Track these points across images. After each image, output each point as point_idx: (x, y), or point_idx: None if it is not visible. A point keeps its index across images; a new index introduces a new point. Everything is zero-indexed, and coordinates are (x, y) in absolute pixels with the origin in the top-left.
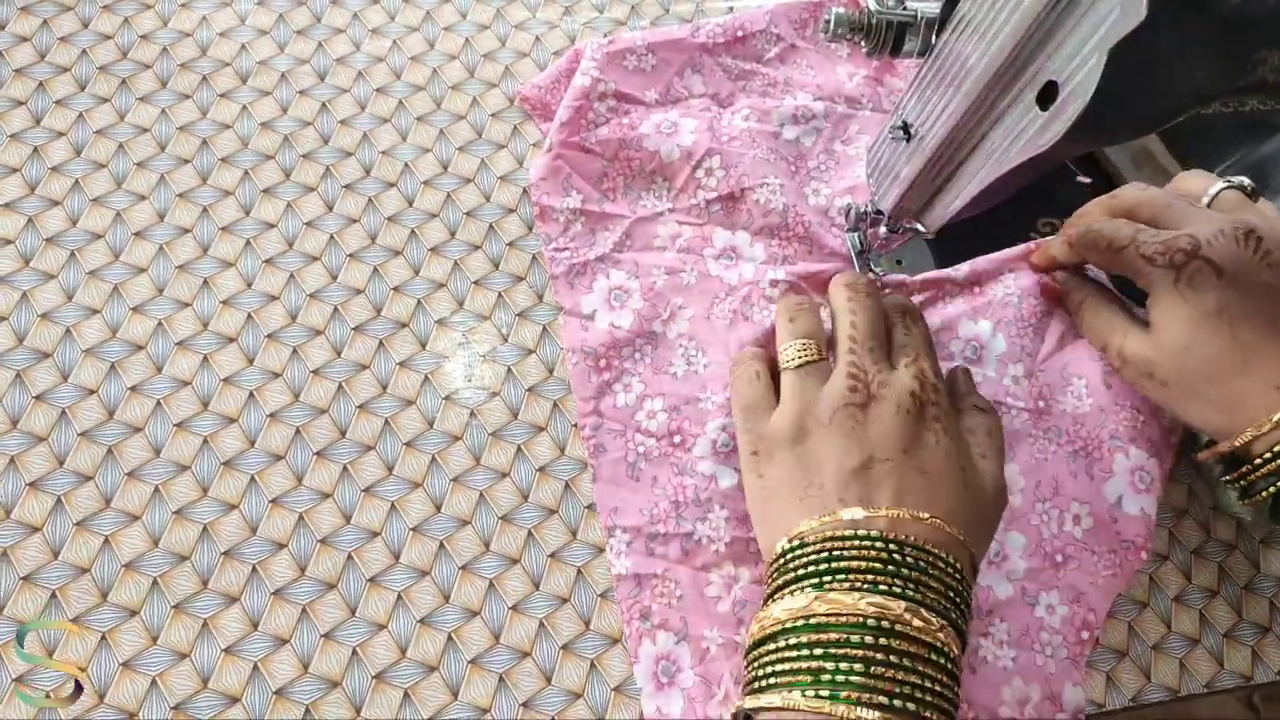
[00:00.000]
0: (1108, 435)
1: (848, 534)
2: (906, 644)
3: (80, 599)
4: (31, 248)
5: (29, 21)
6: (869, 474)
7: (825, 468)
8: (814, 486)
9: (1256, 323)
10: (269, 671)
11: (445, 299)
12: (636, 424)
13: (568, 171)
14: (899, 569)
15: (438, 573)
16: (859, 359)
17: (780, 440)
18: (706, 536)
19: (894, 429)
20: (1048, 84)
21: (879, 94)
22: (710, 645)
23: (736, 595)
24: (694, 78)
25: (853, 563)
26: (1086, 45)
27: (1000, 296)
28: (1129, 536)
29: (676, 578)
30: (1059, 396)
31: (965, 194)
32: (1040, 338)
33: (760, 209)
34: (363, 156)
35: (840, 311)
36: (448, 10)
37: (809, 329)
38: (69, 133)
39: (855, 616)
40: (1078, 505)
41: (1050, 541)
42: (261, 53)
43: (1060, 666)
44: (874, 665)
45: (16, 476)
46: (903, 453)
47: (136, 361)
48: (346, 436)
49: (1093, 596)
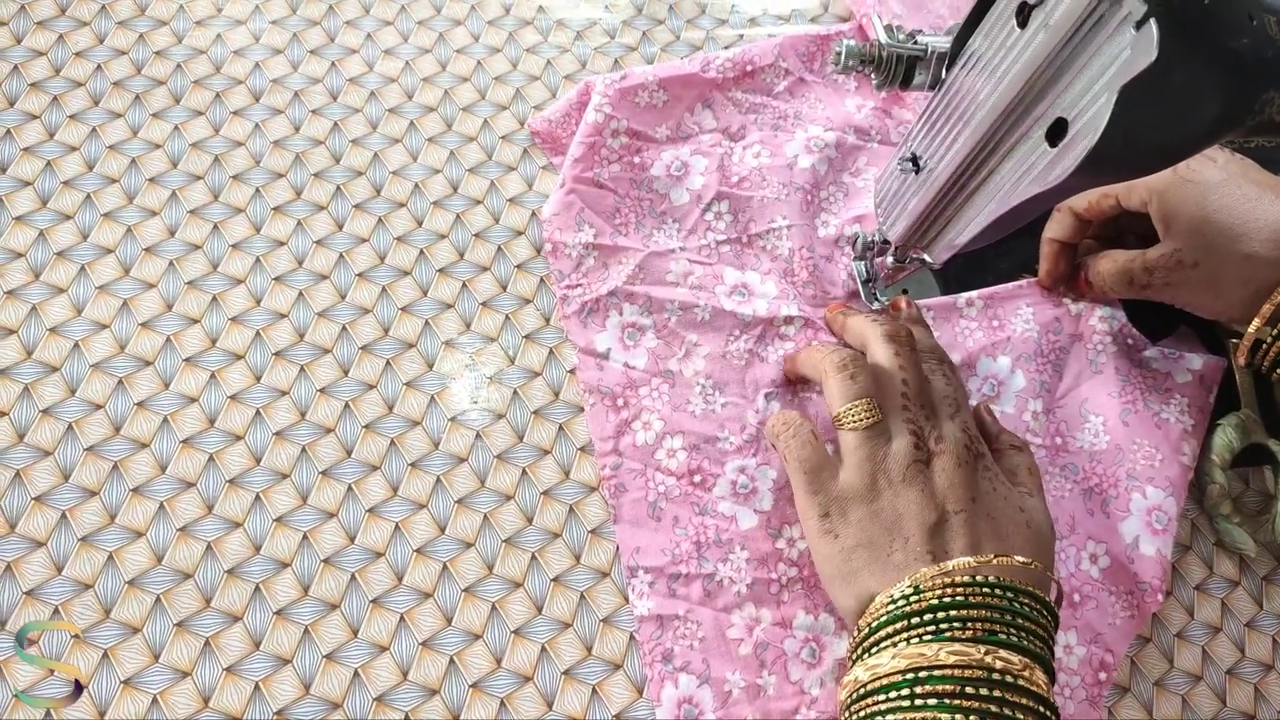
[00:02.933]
0: (1125, 474)
1: (965, 580)
2: (1021, 697)
3: (83, 615)
4: (42, 261)
5: (45, 36)
6: (946, 526)
7: (906, 524)
8: (899, 541)
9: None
10: (270, 692)
11: (453, 320)
12: (657, 462)
13: (580, 206)
14: (1015, 616)
15: (440, 595)
16: (914, 416)
17: (855, 500)
18: (728, 578)
19: (959, 481)
20: (1057, 121)
21: (887, 126)
22: (733, 689)
23: (758, 637)
24: (704, 113)
25: (971, 610)
26: (1097, 84)
27: (1020, 332)
28: (1146, 578)
29: (699, 619)
30: (1075, 433)
31: (973, 227)
32: (1059, 374)
33: (768, 254)
34: (373, 176)
35: (889, 368)
36: (460, 33)
37: (869, 388)
38: (82, 147)
39: (976, 670)
40: (1094, 544)
41: (1068, 580)
42: (275, 71)
43: (1079, 708)
44: (989, 718)
45: (22, 490)
46: (971, 501)
47: (144, 377)
48: (352, 456)
49: (1110, 637)
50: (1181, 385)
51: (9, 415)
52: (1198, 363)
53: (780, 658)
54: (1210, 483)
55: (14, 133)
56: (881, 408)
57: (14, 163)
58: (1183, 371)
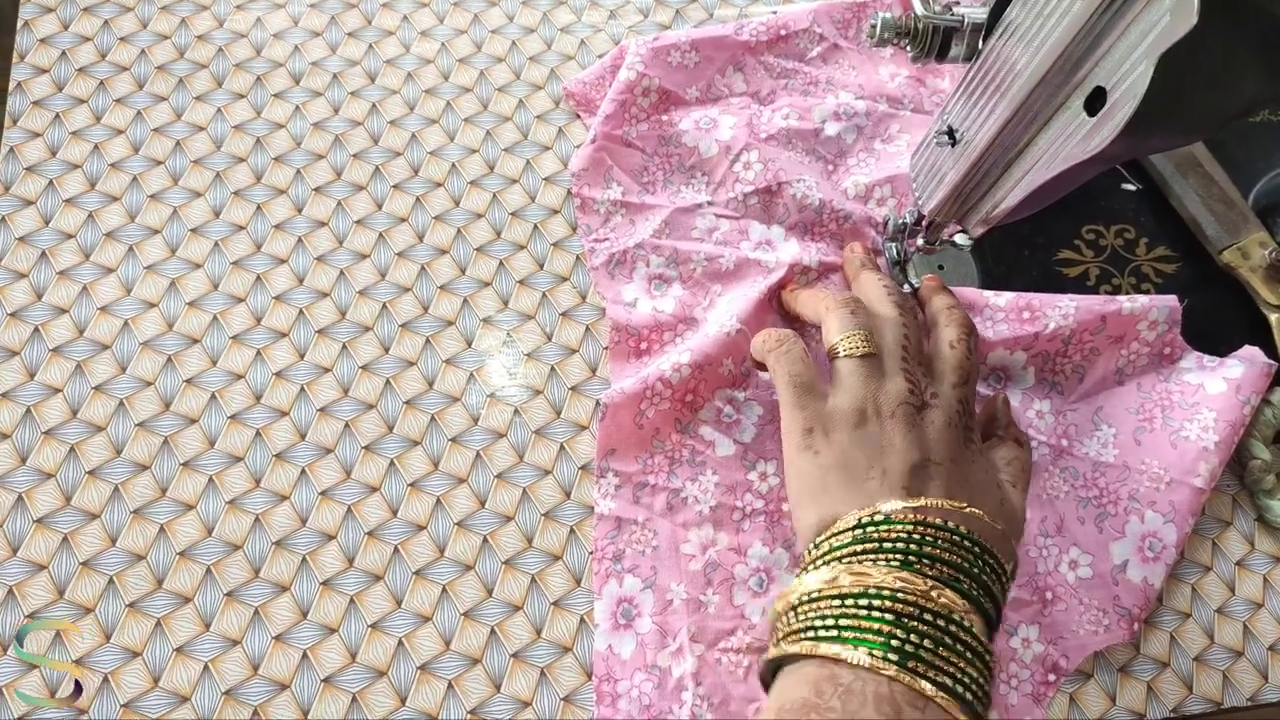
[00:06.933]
0: (1127, 495)
1: (938, 523)
2: (973, 640)
3: (136, 585)
4: (91, 242)
5: (91, 22)
6: (926, 471)
7: (889, 456)
8: (876, 470)
9: None
10: (318, 659)
11: (490, 298)
12: (661, 372)
13: (609, 164)
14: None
15: (481, 567)
16: (911, 368)
17: (841, 422)
18: (694, 496)
19: (947, 438)
20: (1096, 89)
21: (920, 94)
22: (675, 599)
23: (711, 557)
24: (735, 75)
25: (938, 550)
26: (1136, 51)
27: (1051, 328)
28: (1126, 604)
29: (656, 529)
30: (1084, 439)
31: (1011, 198)
32: (1079, 378)
33: (796, 203)
34: (411, 157)
35: (890, 320)
36: (495, 14)
37: (869, 324)
38: (127, 130)
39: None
40: (1078, 551)
41: (1044, 577)
42: (314, 54)
43: (1021, 701)
44: (942, 647)
45: (77, 465)
46: (952, 461)
47: (192, 355)
48: (394, 432)
49: (1070, 644)
50: (1213, 397)
51: (63, 392)
52: (1237, 370)
53: (728, 580)
54: (1251, 458)
55: (63, 117)
56: (880, 349)
57: (63, 146)
58: (1217, 381)
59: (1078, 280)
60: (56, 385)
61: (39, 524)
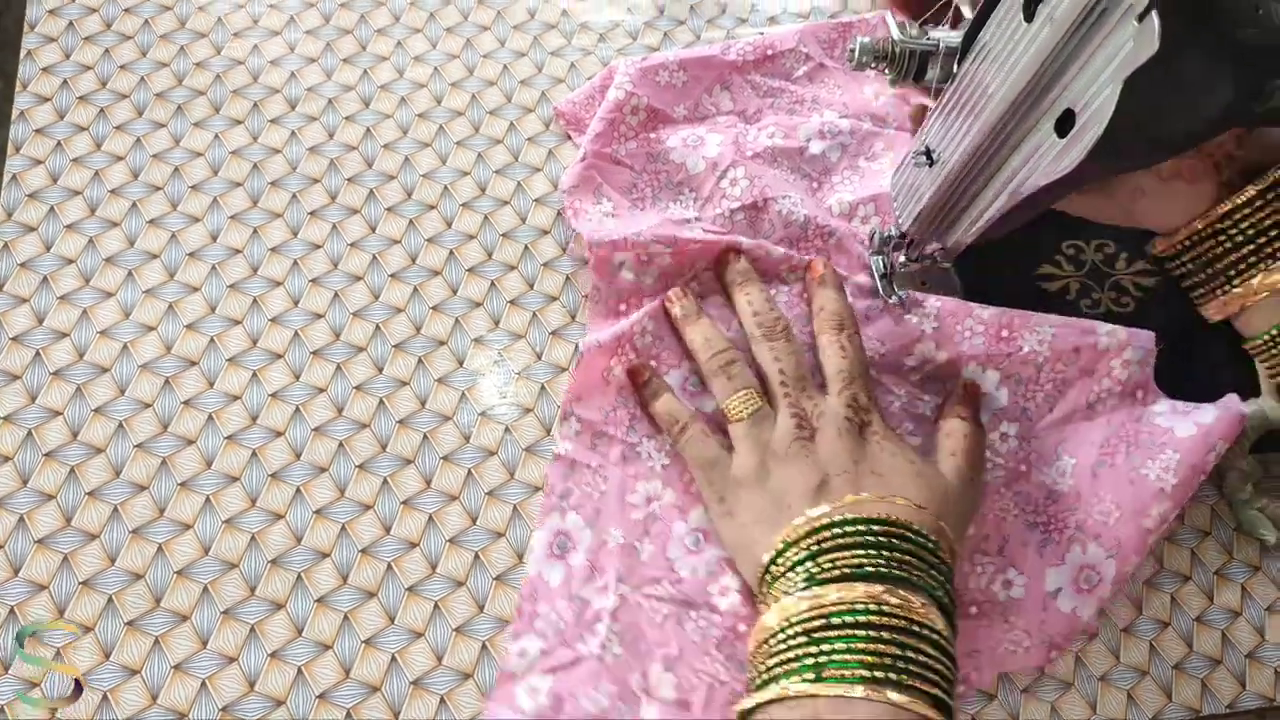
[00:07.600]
0: (1075, 524)
1: (822, 524)
2: (887, 620)
3: (135, 603)
4: (92, 267)
5: (92, 50)
6: (828, 486)
7: (791, 492)
8: (783, 509)
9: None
10: (312, 676)
11: (482, 318)
12: (631, 335)
13: (599, 181)
14: (879, 549)
15: (473, 583)
16: (794, 398)
17: (746, 484)
18: (649, 453)
19: (841, 448)
20: (1065, 112)
21: (904, 113)
22: (610, 542)
23: (654, 510)
24: (723, 94)
25: (840, 554)
26: (1102, 75)
27: (1026, 351)
28: (1049, 631)
29: (607, 476)
30: (1043, 468)
31: (985, 218)
32: (1049, 405)
33: (782, 219)
34: (404, 180)
35: (765, 357)
36: (487, 38)
37: (747, 380)
38: (127, 156)
39: (839, 605)
40: (1015, 573)
41: (972, 592)
42: (309, 80)
43: None
44: (855, 642)
45: (76, 486)
46: (854, 464)
47: (190, 377)
48: (387, 450)
49: (984, 659)
50: (1180, 439)
51: (63, 414)
52: (1209, 416)
53: (665, 534)
54: (1230, 468)
55: (64, 144)
56: (765, 394)
57: (64, 173)
58: (1188, 425)
59: (1058, 295)
60: (57, 408)
61: (40, 544)
